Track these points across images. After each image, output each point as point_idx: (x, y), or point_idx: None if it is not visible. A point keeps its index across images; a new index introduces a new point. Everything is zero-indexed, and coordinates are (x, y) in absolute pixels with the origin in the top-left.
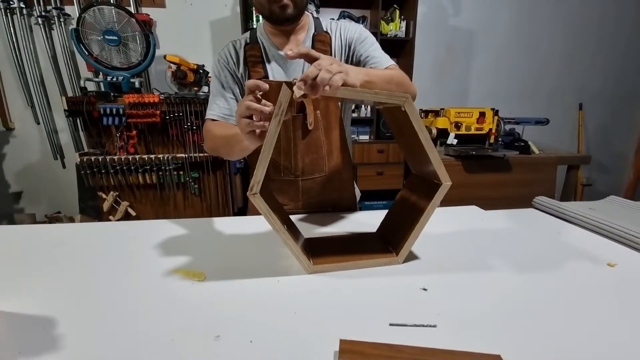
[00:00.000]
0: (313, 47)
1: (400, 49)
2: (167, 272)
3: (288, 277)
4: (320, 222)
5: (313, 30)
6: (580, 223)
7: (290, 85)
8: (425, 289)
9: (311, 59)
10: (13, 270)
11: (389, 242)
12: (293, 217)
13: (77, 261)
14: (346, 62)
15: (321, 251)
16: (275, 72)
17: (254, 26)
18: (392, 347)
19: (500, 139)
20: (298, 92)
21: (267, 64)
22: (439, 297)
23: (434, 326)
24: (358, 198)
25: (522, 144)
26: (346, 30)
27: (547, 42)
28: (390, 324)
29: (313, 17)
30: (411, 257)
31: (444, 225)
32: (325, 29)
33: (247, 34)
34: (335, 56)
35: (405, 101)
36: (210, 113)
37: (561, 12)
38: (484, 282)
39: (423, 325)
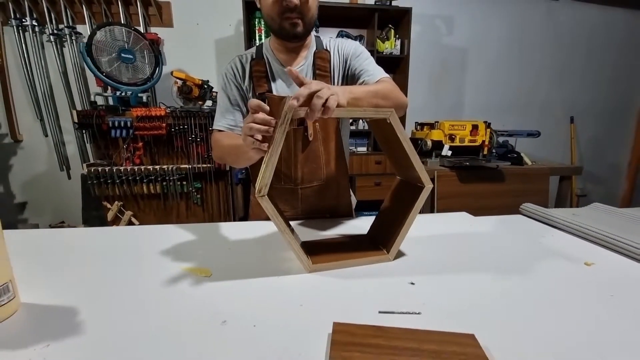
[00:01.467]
0: (314, 63)
1: (395, 66)
2: (176, 269)
3: (289, 275)
4: (317, 227)
5: (314, 48)
6: (563, 227)
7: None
8: (412, 283)
9: (301, 84)
10: (34, 268)
11: (379, 242)
12: (292, 223)
13: (91, 260)
14: (343, 75)
15: (318, 252)
16: (278, 86)
17: (255, 45)
18: (379, 328)
19: (494, 151)
20: (292, 108)
21: (271, 79)
22: (425, 290)
23: (419, 313)
24: (354, 205)
25: (515, 155)
26: (343, 46)
27: (537, 58)
28: (380, 312)
29: (314, 35)
30: (401, 255)
31: (433, 229)
32: (325, 47)
33: (254, 49)
34: (334, 70)
35: (390, 115)
36: (217, 124)
37: (551, 28)
38: (467, 277)
39: (409, 313)
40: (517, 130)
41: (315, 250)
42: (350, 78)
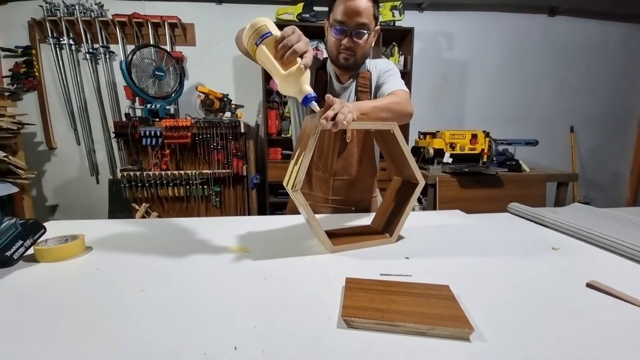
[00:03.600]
0: (357, 82)
1: None
2: (219, 247)
3: (312, 256)
4: (328, 221)
5: (360, 70)
6: (543, 222)
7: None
8: (407, 258)
9: (330, 106)
10: (113, 243)
11: (382, 230)
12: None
13: (150, 241)
14: (377, 86)
15: (335, 238)
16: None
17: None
18: (379, 281)
19: (494, 158)
20: (324, 126)
21: (327, 90)
22: (416, 262)
23: (410, 275)
24: (379, 204)
25: (514, 162)
26: (379, 65)
27: (536, 71)
28: (380, 274)
29: None
30: (400, 239)
31: (429, 222)
32: (367, 68)
33: (321, 61)
34: (372, 86)
35: (393, 127)
36: None
37: (548, 42)
38: (451, 253)
39: (402, 275)
40: (516, 139)
41: (332, 236)
42: (377, 89)
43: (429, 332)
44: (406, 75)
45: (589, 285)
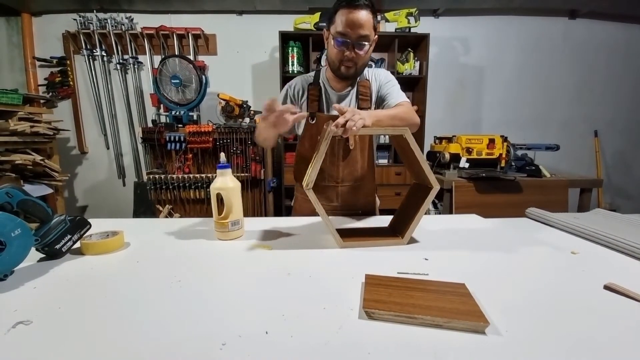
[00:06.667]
0: (357, 90)
1: (414, 85)
2: (245, 245)
3: (328, 249)
4: (347, 222)
5: (358, 78)
6: (562, 227)
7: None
8: (426, 259)
9: (342, 114)
10: (148, 240)
11: (397, 232)
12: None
13: (185, 238)
14: (377, 97)
15: (347, 236)
16: (329, 106)
17: (288, 70)
18: (397, 278)
19: (512, 163)
20: (334, 132)
21: (324, 101)
22: (433, 262)
23: (427, 274)
24: (378, 204)
25: (533, 167)
26: (378, 75)
27: (556, 74)
28: (398, 272)
29: None
30: (415, 242)
31: (445, 225)
32: (366, 77)
33: (313, 75)
34: (372, 95)
35: (404, 132)
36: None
37: (568, 45)
38: (468, 255)
39: (419, 274)
40: (536, 143)
41: (345, 234)
42: (379, 99)
43: (445, 325)
44: (421, 80)
45: (606, 287)
